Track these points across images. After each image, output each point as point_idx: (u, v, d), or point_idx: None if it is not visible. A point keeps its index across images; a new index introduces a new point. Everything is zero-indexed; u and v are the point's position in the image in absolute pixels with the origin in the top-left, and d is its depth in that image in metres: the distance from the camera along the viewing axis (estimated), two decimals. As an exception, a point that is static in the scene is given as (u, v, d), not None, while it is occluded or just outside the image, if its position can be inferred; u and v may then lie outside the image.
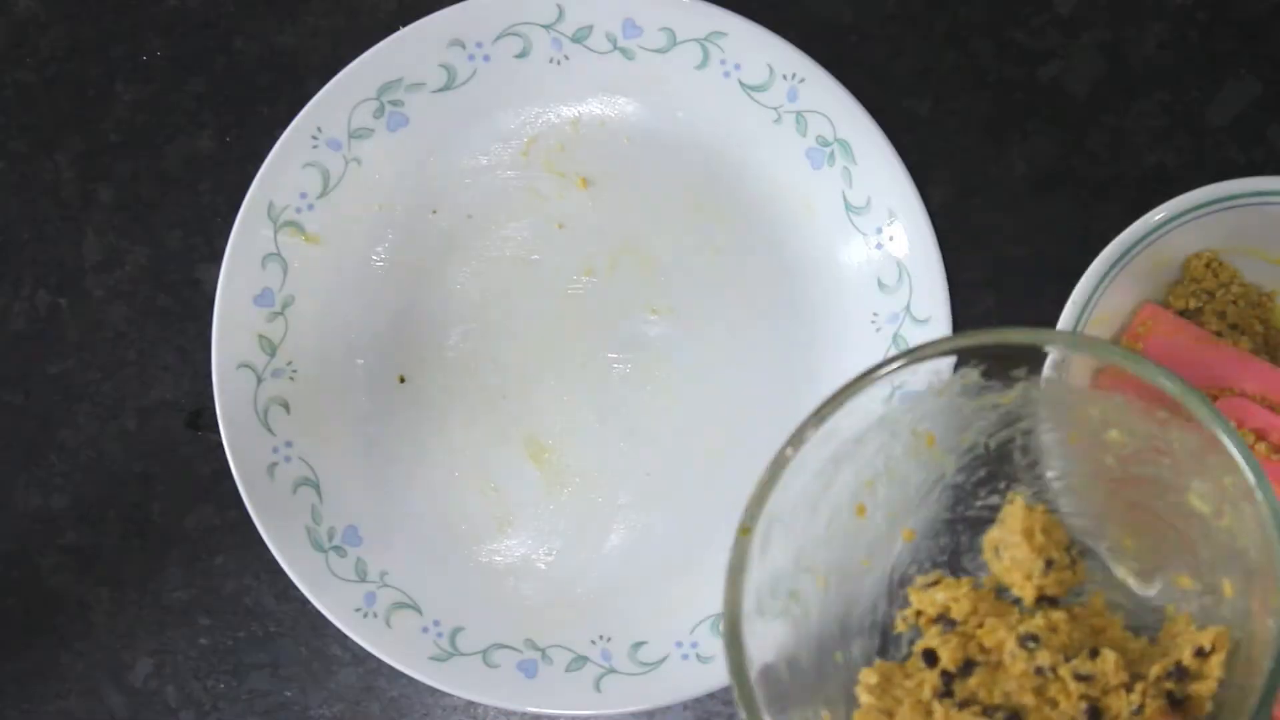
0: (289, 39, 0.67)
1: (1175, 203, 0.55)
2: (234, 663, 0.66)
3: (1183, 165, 0.62)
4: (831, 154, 0.61)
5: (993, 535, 0.47)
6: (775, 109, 0.61)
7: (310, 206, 0.63)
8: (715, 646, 0.61)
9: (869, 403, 0.43)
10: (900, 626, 0.46)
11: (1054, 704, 0.42)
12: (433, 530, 0.64)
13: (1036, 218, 0.62)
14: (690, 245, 0.63)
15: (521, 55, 0.62)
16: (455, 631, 0.62)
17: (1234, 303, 0.58)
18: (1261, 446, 0.56)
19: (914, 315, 0.60)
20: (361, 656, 0.65)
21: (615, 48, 0.62)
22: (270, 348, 0.63)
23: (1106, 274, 0.55)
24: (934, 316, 0.60)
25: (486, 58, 0.62)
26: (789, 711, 0.42)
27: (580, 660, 0.61)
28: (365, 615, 0.61)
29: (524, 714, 0.63)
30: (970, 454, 0.48)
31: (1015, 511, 0.46)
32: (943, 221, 0.59)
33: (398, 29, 0.62)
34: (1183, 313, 0.58)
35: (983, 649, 0.44)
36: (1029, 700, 0.42)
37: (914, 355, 0.43)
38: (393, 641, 0.61)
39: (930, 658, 0.43)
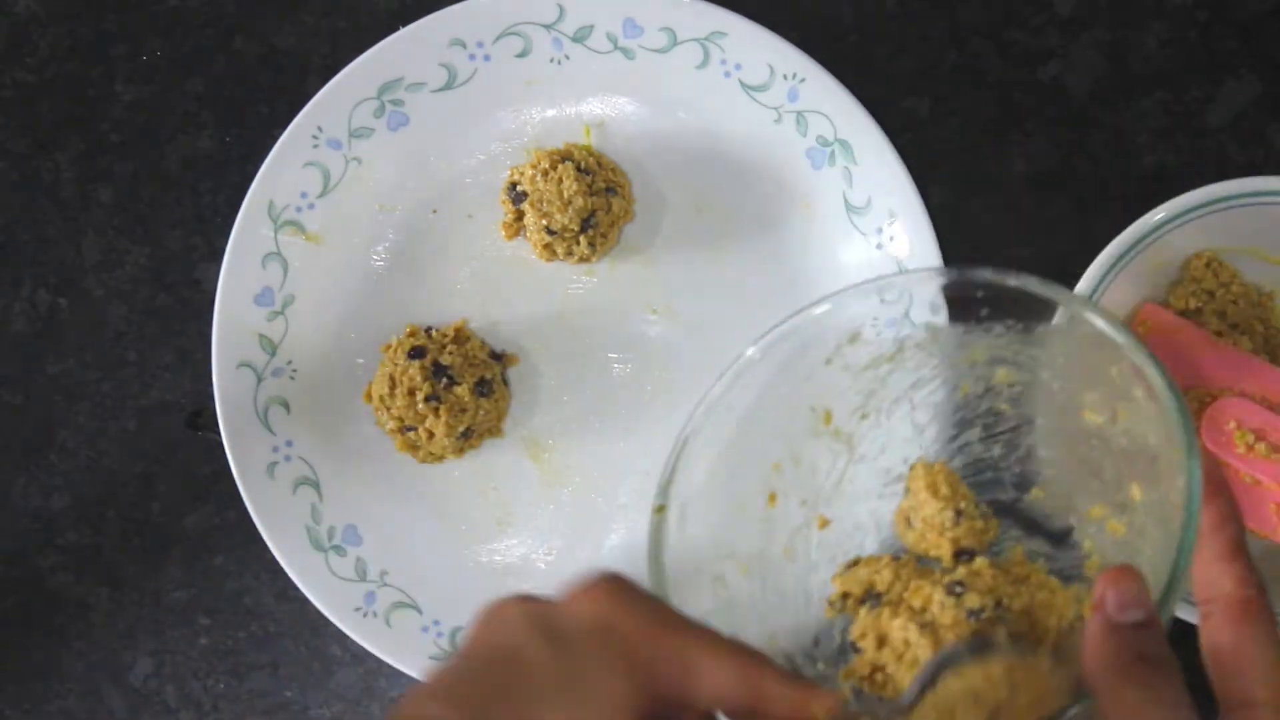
0: (289, 39, 0.67)
1: (1175, 203, 0.55)
2: (234, 663, 0.66)
3: (1183, 165, 0.62)
4: (832, 154, 0.61)
5: (901, 507, 0.46)
6: (775, 109, 0.61)
7: (311, 206, 0.63)
8: (715, 646, 0.61)
9: (754, 375, 0.44)
10: (829, 613, 0.45)
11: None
12: (433, 530, 0.64)
13: (1036, 218, 0.63)
14: (690, 245, 0.63)
15: (522, 55, 0.62)
16: (455, 631, 0.62)
17: (1234, 303, 0.58)
18: (1261, 446, 0.56)
19: (912, 317, 0.60)
20: (361, 656, 0.65)
21: (616, 47, 0.62)
22: (270, 347, 0.63)
23: (1106, 274, 0.55)
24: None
25: (487, 57, 0.62)
26: None
27: (580, 660, 0.61)
28: (365, 615, 0.61)
29: (524, 714, 0.63)
30: (866, 425, 0.47)
31: (917, 472, 0.46)
32: (943, 221, 0.59)
33: (398, 29, 0.62)
34: (1183, 313, 0.58)
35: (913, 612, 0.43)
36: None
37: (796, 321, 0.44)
38: (393, 641, 0.61)
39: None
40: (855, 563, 0.46)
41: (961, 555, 0.44)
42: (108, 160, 0.68)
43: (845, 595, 0.45)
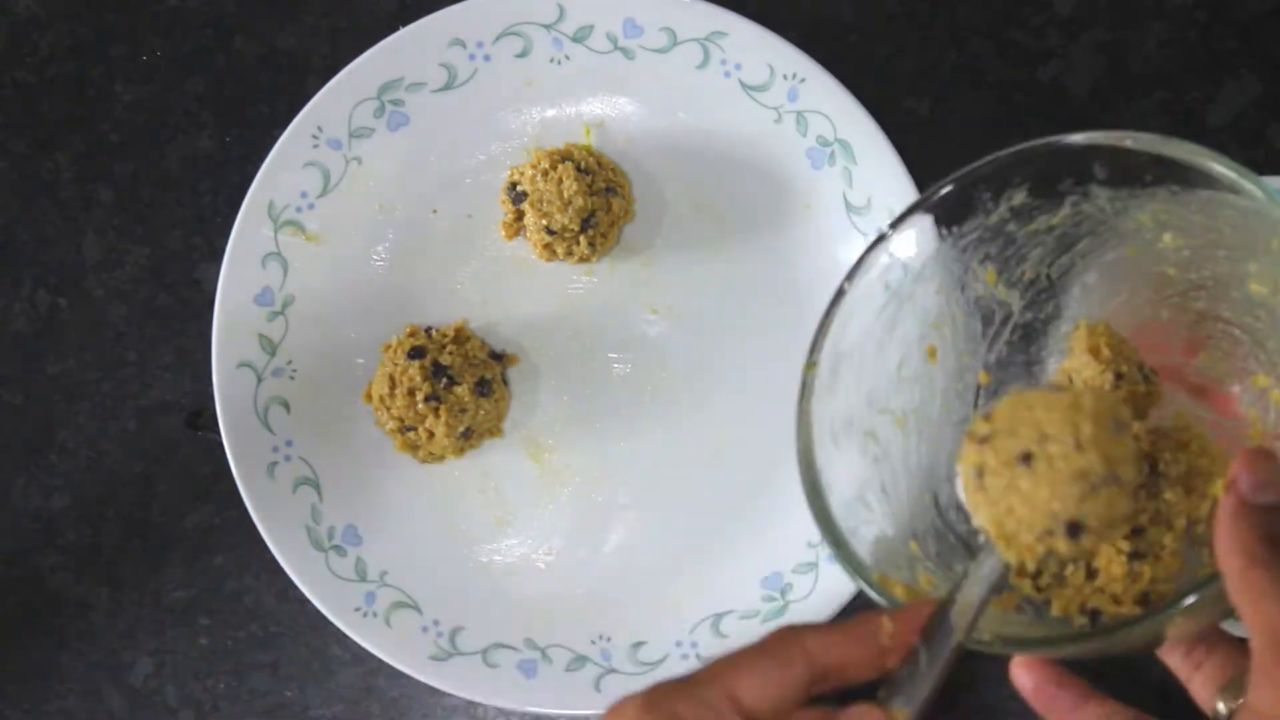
0: (289, 39, 0.67)
1: (1176, 203, 0.55)
2: (234, 663, 0.66)
3: (1183, 165, 0.62)
4: (832, 154, 0.61)
5: (1064, 366, 0.46)
6: (775, 109, 0.61)
7: (311, 206, 0.63)
8: (715, 646, 0.61)
9: (922, 232, 0.44)
10: None
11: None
12: (433, 530, 0.64)
13: (1036, 218, 0.62)
14: (690, 245, 0.63)
15: (522, 55, 0.62)
16: (455, 631, 0.62)
17: (1234, 303, 0.58)
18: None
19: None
20: (361, 656, 0.65)
21: (616, 47, 0.62)
22: (270, 347, 0.63)
23: (1108, 273, 0.55)
24: (934, 316, 0.60)
25: (487, 57, 0.62)
26: (870, 539, 0.42)
27: (580, 660, 0.61)
28: (365, 615, 0.61)
29: (524, 714, 0.63)
30: (1034, 288, 0.47)
31: (1080, 333, 0.45)
32: (943, 221, 0.59)
33: (398, 29, 0.62)
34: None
35: None
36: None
37: (961, 177, 0.44)
38: (393, 641, 0.61)
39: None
40: None
41: None
42: (108, 160, 0.68)
43: None
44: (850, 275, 0.45)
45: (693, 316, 0.63)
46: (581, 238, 0.61)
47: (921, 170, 0.59)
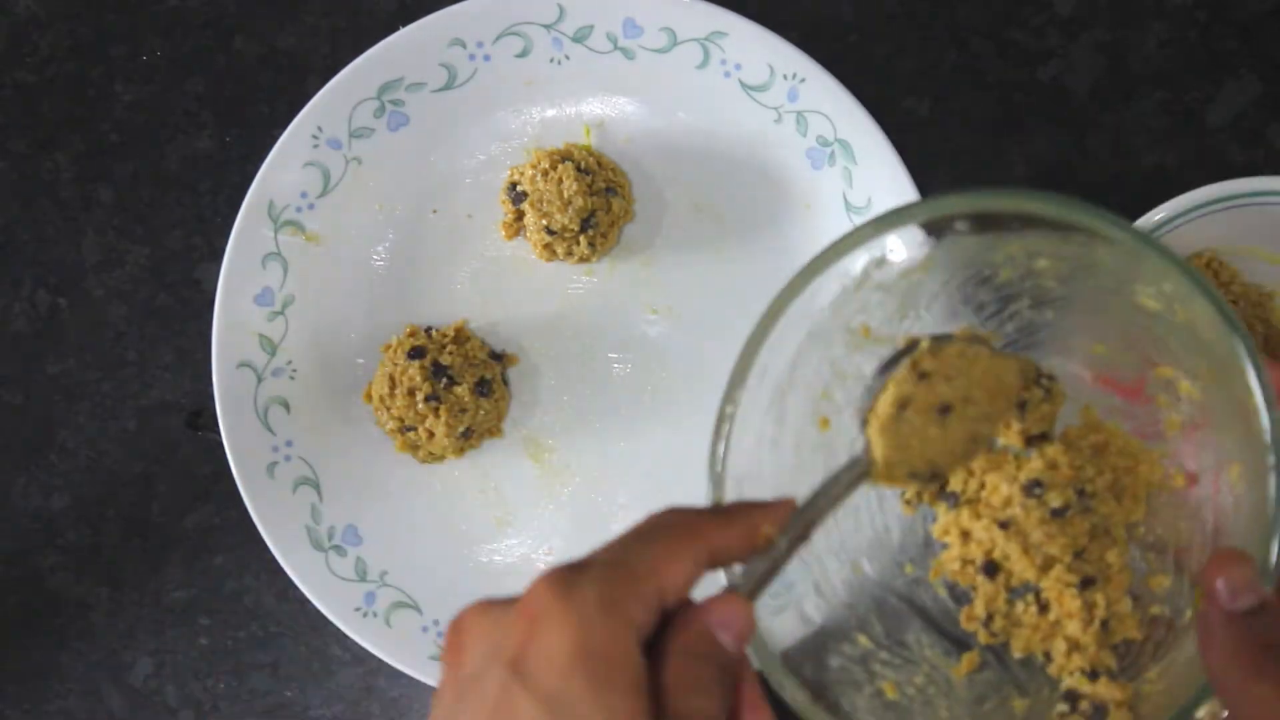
0: (289, 39, 0.67)
1: (1175, 203, 0.55)
2: (234, 663, 0.66)
3: (1183, 165, 0.62)
4: (832, 154, 0.61)
5: None
6: (775, 109, 0.61)
7: (311, 206, 0.63)
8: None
9: (791, 324, 0.42)
10: (907, 511, 0.44)
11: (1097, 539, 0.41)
12: (433, 530, 0.64)
13: (1036, 218, 0.62)
14: (690, 245, 0.63)
15: (522, 55, 0.62)
16: (455, 631, 0.62)
17: (1234, 303, 0.58)
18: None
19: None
20: (361, 656, 0.65)
21: (616, 47, 0.62)
22: (270, 347, 0.63)
23: (1107, 273, 0.55)
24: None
25: (487, 57, 0.62)
26: (830, 654, 0.41)
27: (580, 660, 0.61)
28: (365, 615, 0.61)
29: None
30: (915, 322, 0.46)
31: None
32: (943, 221, 0.59)
33: (398, 29, 0.62)
34: (1183, 312, 0.58)
35: (991, 508, 0.42)
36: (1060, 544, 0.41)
37: (813, 268, 0.42)
38: (393, 641, 0.61)
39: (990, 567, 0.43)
40: None
41: (1034, 440, 0.43)
42: (108, 160, 0.68)
43: (919, 492, 0.44)
44: (730, 397, 0.42)
45: (693, 316, 0.63)
46: (581, 238, 0.61)
47: (921, 170, 0.59)
